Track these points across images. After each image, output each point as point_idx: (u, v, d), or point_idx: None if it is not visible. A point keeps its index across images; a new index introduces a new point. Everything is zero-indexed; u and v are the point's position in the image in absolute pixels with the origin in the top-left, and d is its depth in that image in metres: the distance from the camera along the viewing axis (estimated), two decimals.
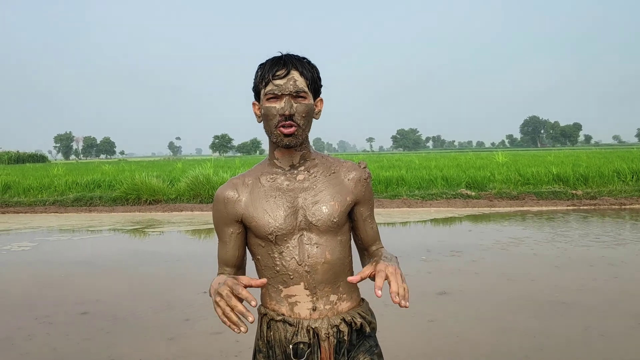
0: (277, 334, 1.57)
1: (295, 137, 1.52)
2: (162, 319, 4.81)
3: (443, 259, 7.19)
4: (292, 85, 1.49)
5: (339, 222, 1.57)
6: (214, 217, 1.65)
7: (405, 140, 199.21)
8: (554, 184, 15.33)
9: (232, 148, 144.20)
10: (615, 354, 3.77)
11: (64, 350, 4.08)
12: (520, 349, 3.91)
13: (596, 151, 40.60)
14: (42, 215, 14.32)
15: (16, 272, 7.03)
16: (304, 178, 1.59)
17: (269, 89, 1.51)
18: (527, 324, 4.46)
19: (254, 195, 1.59)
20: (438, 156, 38.55)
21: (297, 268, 1.55)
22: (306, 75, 1.52)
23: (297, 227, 1.55)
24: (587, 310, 4.80)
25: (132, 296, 5.68)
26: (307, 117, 1.54)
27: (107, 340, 4.30)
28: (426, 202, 14.16)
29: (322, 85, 1.60)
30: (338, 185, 1.60)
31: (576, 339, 4.09)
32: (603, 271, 6.31)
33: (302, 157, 1.60)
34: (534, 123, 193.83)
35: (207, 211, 13.93)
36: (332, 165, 1.64)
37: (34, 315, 5.01)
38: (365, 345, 1.61)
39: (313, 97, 1.56)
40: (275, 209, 1.55)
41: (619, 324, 4.41)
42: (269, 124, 1.53)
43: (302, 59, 1.55)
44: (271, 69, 1.51)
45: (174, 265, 7.28)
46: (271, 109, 1.51)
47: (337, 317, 1.56)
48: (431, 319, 4.63)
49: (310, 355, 1.55)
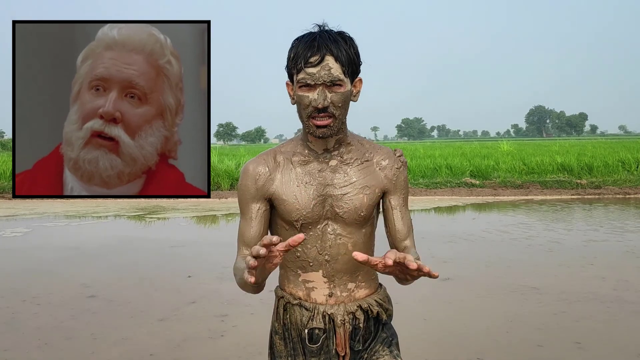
0: (293, 317, 1.56)
1: (330, 128, 1.45)
2: (154, 302, 4.92)
3: (438, 246, 7.28)
4: (326, 74, 1.39)
5: (366, 216, 1.53)
6: (240, 192, 1.56)
7: (410, 129, 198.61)
8: (559, 174, 15.36)
9: (236, 136, 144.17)
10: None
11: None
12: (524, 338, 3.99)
13: (602, 141, 40.47)
14: (48, 201, 14.45)
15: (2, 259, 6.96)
16: (336, 164, 1.53)
17: (301, 77, 1.41)
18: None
19: (285, 176, 1.53)
20: (443, 145, 38.48)
21: (317, 256, 1.53)
22: (342, 59, 1.40)
23: (324, 216, 1.51)
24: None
25: (122, 282, 5.79)
26: (344, 106, 1.45)
27: (92, 319, 4.42)
28: (430, 191, 14.23)
29: (361, 63, 1.48)
30: (369, 175, 1.54)
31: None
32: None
33: (338, 141, 1.53)
34: (540, 113, 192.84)
35: (212, 198, 14.03)
36: (367, 152, 1.57)
37: (21, 298, 5.08)
38: (382, 336, 1.59)
39: (351, 79, 1.46)
40: (305, 196, 1.50)
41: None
42: (302, 113, 1.46)
43: (337, 37, 1.43)
44: (304, 54, 1.40)
45: (168, 250, 7.39)
46: (304, 98, 1.42)
47: (354, 304, 1.54)
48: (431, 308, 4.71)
49: (325, 341, 1.54)
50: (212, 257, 6.73)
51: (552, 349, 3.72)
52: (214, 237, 8.98)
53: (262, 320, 4.30)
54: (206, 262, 6.50)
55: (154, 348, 3.84)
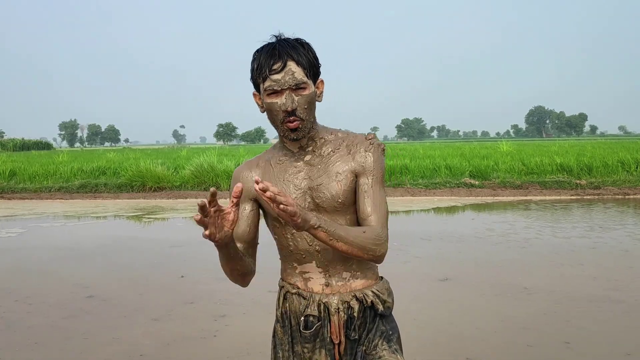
0: (292, 306, 1.63)
1: (301, 130, 1.53)
2: (147, 301, 4.88)
3: (442, 246, 7.24)
4: (290, 78, 1.47)
5: (344, 202, 1.57)
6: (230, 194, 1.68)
7: (410, 129, 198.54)
8: (558, 174, 15.32)
9: (236, 137, 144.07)
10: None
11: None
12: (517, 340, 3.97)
13: (601, 141, 40.44)
14: (47, 201, 14.42)
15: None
16: (310, 158, 1.60)
17: (268, 85, 1.49)
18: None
19: (266, 177, 1.63)
20: (442, 145, 38.48)
21: (308, 248, 1.59)
22: (303, 63, 1.49)
23: (306, 208, 1.56)
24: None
25: (117, 282, 5.75)
26: (310, 107, 1.53)
27: (84, 319, 4.38)
28: (430, 191, 14.20)
29: (320, 65, 1.56)
30: (343, 163, 1.59)
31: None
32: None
33: (310, 138, 1.60)
34: (539, 113, 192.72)
35: None
36: (340, 141, 1.62)
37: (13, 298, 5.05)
38: (381, 329, 1.62)
39: (313, 81, 1.54)
40: (284, 191, 1.54)
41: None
42: (274, 119, 1.53)
43: (295, 44, 1.51)
44: (267, 63, 1.48)
45: (165, 251, 7.36)
46: (273, 105, 1.50)
47: (349, 294, 1.60)
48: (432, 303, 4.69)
49: (320, 329, 1.59)
50: (209, 258, 6.66)
51: (541, 349, 3.70)
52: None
53: (254, 321, 4.27)
54: (203, 263, 6.45)
55: (145, 348, 3.81)
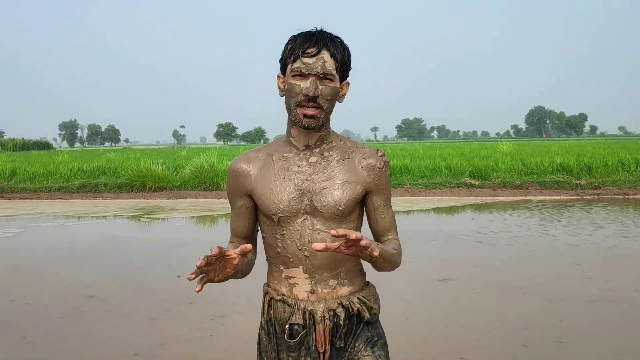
0: (277, 313, 1.58)
1: (317, 119, 1.49)
2: (145, 302, 4.87)
3: (437, 246, 7.23)
4: (320, 65, 1.45)
5: (345, 211, 1.53)
6: (227, 188, 1.66)
7: (410, 129, 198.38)
8: (558, 174, 15.32)
9: (236, 137, 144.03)
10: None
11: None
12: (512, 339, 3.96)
13: (601, 142, 40.41)
14: (47, 201, 14.41)
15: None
16: (316, 161, 1.55)
17: (296, 66, 1.46)
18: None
19: (264, 172, 1.57)
20: (442, 146, 38.45)
21: (296, 252, 1.54)
22: (336, 56, 1.47)
23: (302, 210, 1.52)
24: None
25: (114, 282, 5.74)
26: (332, 100, 1.50)
27: (80, 319, 4.38)
28: (430, 191, 14.19)
29: (351, 69, 1.55)
30: (350, 172, 1.55)
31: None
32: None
33: (320, 138, 1.56)
34: (539, 113, 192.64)
35: (212, 198, 14.02)
36: (349, 150, 1.59)
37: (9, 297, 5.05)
38: (366, 335, 1.57)
39: (340, 79, 1.52)
40: (282, 190, 1.52)
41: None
42: (291, 101, 1.49)
43: (335, 38, 1.50)
44: (302, 45, 1.46)
45: (164, 250, 7.35)
46: (295, 86, 1.47)
47: (335, 301, 1.55)
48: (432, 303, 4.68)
49: (305, 337, 1.54)
50: None
51: (535, 349, 3.69)
52: (213, 237, 8.94)
53: (250, 321, 4.26)
54: None
55: (139, 347, 3.80)
